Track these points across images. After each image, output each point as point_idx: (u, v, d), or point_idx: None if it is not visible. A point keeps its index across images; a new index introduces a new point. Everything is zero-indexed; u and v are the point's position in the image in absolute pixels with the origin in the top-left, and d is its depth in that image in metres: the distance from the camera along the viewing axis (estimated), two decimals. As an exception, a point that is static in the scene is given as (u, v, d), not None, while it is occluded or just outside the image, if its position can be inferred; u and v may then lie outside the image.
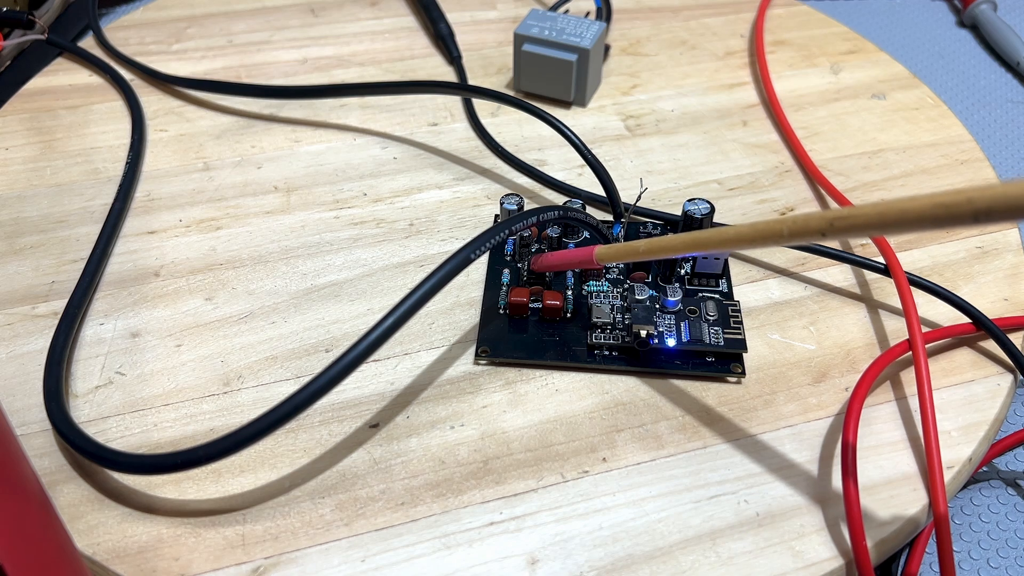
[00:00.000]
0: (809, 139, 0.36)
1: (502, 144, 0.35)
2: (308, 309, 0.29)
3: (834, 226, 0.18)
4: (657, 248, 0.23)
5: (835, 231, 0.18)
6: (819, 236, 0.18)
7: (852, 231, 0.17)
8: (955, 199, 0.15)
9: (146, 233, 0.32)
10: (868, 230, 0.17)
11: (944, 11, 0.50)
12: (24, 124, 0.37)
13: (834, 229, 0.18)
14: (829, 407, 0.26)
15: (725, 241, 0.21)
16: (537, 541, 0.23)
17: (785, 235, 0.19)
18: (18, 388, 0.26)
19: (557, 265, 0.27)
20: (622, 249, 0.25)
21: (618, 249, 0.25)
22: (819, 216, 0.18)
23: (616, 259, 0.25)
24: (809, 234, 0.18)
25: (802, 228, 0.18)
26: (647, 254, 0.24)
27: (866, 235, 0.17)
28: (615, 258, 0.25)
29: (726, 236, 0.21)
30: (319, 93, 0.36)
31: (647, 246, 0.24)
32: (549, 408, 0.26)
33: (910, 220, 0.16)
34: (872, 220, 0.17)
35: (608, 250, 0.25)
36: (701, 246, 0.22)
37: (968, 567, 0.25)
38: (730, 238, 0.21)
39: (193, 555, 0.22)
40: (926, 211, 0.16)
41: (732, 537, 0.23)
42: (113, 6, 0.49)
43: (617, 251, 0.25)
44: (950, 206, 0.15)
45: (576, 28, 0.37)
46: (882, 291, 0.29)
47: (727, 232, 0.21)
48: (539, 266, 0.28)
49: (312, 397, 0.21)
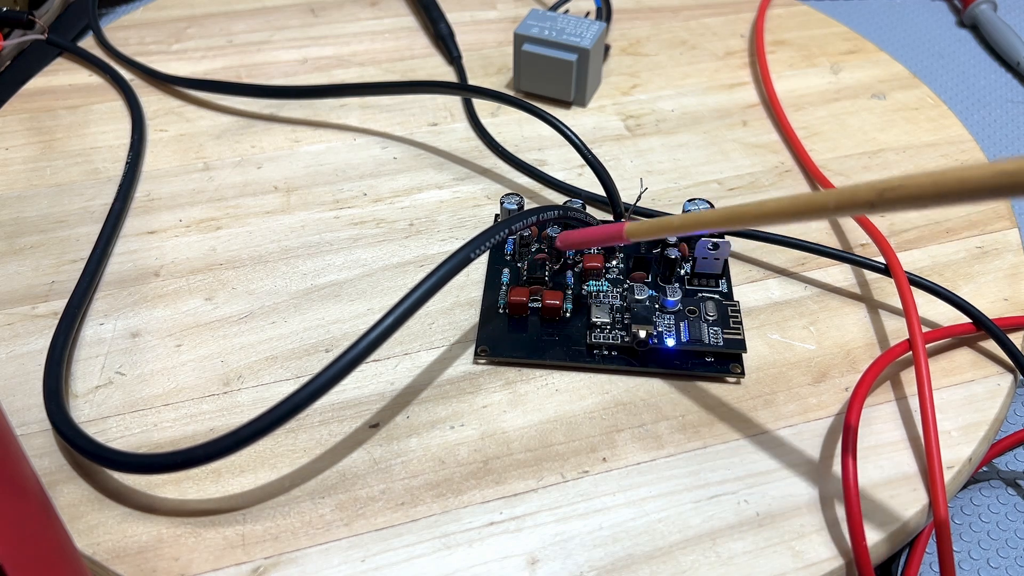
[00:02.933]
0: (809, 139, 0.36)
1: (502, 144, 0.35)
2: (308, 309, 0.29)
3: (884, 196, 0.16)
4: (692, 223, 0.22)
5: (885, 202, 0.16)
6: (868, 208, 0.16)
7: (904, 202, 0.16)
8: (1018, 167, 0.14)
9: (146, 233, 0.32)
10: (922, 201, 0.15)
11: (944, 11, 0.50)
12: (24, 124, 0.37)
13: (884, 200, 0.16)
14: (829, 407, 0.26)
15: (764, 215, 0.19)
16: (537, 541, 0.23)
17: (831, 207, 0.17)
18: (18, 388, 0.26)
19: (583, 243, 0.26)
20: (655, 224, 0.23)
21: (651, 224, 0.23)
22: (868, 186, 0.16)
23: (648, 235, 0.23)
24: (857, 206, 0.17)
25: (849, 200, 0.17)
26: (681, 229, 0.22)
27: (919, 207, 0.15)
28: (647, 234, 0.23)
29: (765, 210, 0.19)
30: (319, 93, 0.36)
31: (681, 221, 0.22)
32: (549, 408, 0.26)
33: (969, 190, 0.14)
34: (927, 190, 0.15)
35: (640, 226, 0.24)
36: (739, 221, 0.20)
37: (968, 567, 0.25)
38: (769, 211, 0.19)
39: (193, 555, 0.22)
40: (987, 180, 0.14)
41: (732, 537, 0.23)
42: (113, 6, 0.49)
43: (649, 227, 0.23)
44: (1013, 174, 0.14)
45: (576, 28, 0.37)
46: (882, 291, 0.29)
47: (766, 205, 0.19)
48: (564, 244, 0.27)
49: (312, 397, 0.21)
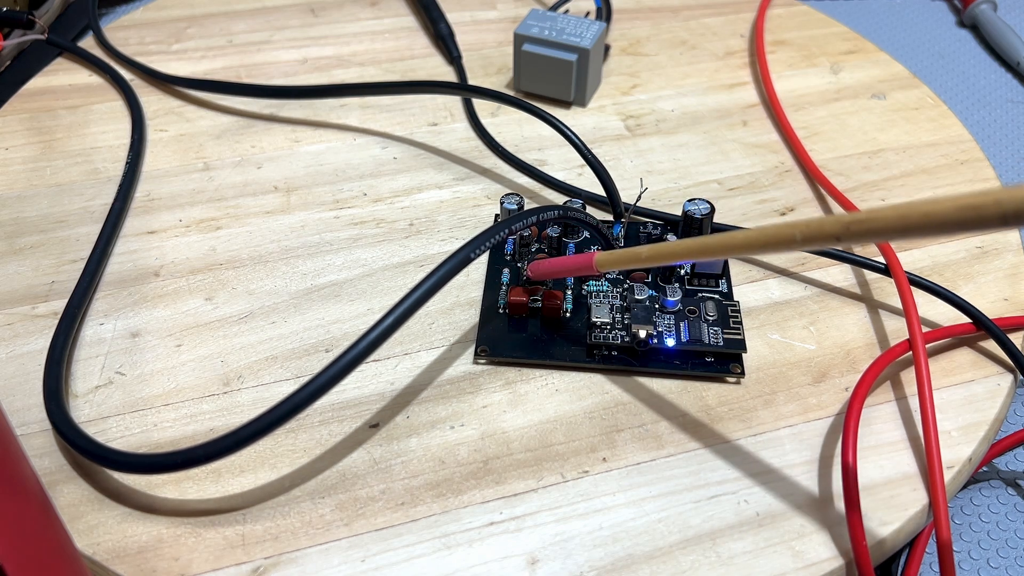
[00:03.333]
0: (809, 139, 0.36)
1: (502, 144, 0.35)
2: (308, 309, 0.29)
3: (850, 230, 0.16)
4: (660, 254, 0.22)
5: (851, 235, 0.16)
6: (834, 241, 0.17)
7: (870, 236, 0.16)
8: (982, 201, 0.14)
9: (146, 233, 0.32)
10: (887, 234, 0.16)
11: (944, 11, 0.50)
12: (24, 124, 0.37)
13: (850, 233, 0.16)
14: (829, 407, 0.26)
15: (732, 247, 0.19)
16: (537, 541, 0.23)
17: (798, 240, 0.18)
18: (18, 388, 0.26)
19: (554, 273, 0.27)
20: (623, 255, 0.23)
21: (619, 255, 0.24)
22: (834, 220, 0.17)
23: (617, 266, 0.24)
24: (823, 239, 0.17)
25: (816, 233, 0.17)
26: (649, 260, 0.23)
27: (885, 239, 0.16)
28: (616, 265, 0.24)
29: (733, 242, 0.19)
30: (319, 93, 0.36)
31: (649, 252, 0.22)
32: (549, 408, 0.26)
33: (934, 224, 0.14)
34: (892, 224, 0.15)
35: (608, 256, 0.24)
36: (707, 252, 0.20)
37: (968, 567, 0.25)
38: (738, 244, 0.19)
39: (193, 555, 0.22)
40: (951, 214, 0.14)
41: (732, 537, 0.23)
42: (113, 6, 0.49)
43: (618, 257, 0.24)
44: (978, 208, 0.14)
45: (576, 28, 0.37)
46: (882, 291, 0.29)
47: (734, 237, 0.19)
48: (536, 274, 0.27)
49: (312, 397, 0.21)
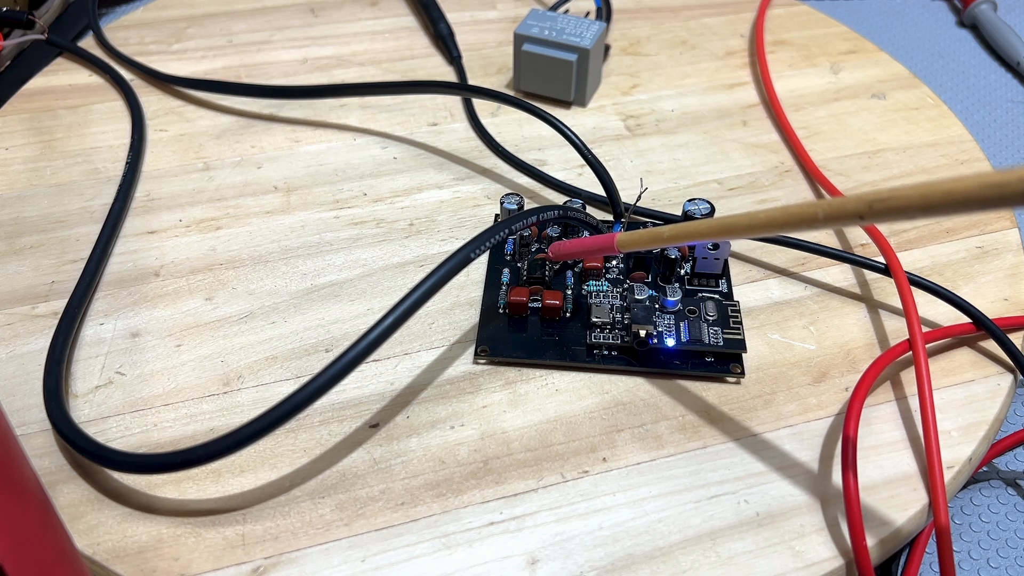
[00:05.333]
0: (809, 139, 0.36)
1: (502, 144, 0.35)
2: (308, 309, 0.29)
3: (873, 208, 0.16)
4: (682, 234, 0.22)
5: (874, 214, 0.16)
6: (857, 220, 0.17)
7: (892, 214, 0.16)
8: (1006, 179, 0.14)
9: (146, 233, 0.32)
10: (910, 213, 0.16)
11: (944, 11, 0.50)
12: (24, 124, 0.37)
13: (873, 212, 0.16)
14: (829, 407, 0.26)
15: (755, 226, 0.19)
16: (537, 541, 0.23)
17: (820, 219, 0.17)
18: (18, 388, 0.26)
19: (576, 253, 0.26)
20: (645, 235, 0.23)
21: (641, 235, 0.23)
22: (857, 198, 0.17)
23: (638, 246, 0.24)
24: (846, 217, 0.17)
25: (839, 211, 0.17)
26: (671, 240, 0.22)
27: (907, 218, 0.16)
28: (637, 245, 0.24)
29: (756, 221, 0.19)
30: (319, 93, 0.36)
31: (671, 232, 0.22)
32: (549, 408, 0.26)
33: (956, 202, 0.15)
34: (915, 202, 0.15)
35: (630, 236, 0.24)
36: (729, 232, 0.20)
37: (968, 567, 0.25)
38: (760, 223, 0.19)
39: (193, 555, 0.22)
40: (974, 192, 0.14)
41: (732, 537, 0.23)
42: (113, 6, 0.49)
43: (640, 237, 0.23)
44: (1002, 186, 0.14)
45: (576, 28, 0.37)
46: (882, 291, 0.29)
47: (757, 217, 0.19)
48: (557, 254, 0.27)
49: (312, 397, 0.21)
